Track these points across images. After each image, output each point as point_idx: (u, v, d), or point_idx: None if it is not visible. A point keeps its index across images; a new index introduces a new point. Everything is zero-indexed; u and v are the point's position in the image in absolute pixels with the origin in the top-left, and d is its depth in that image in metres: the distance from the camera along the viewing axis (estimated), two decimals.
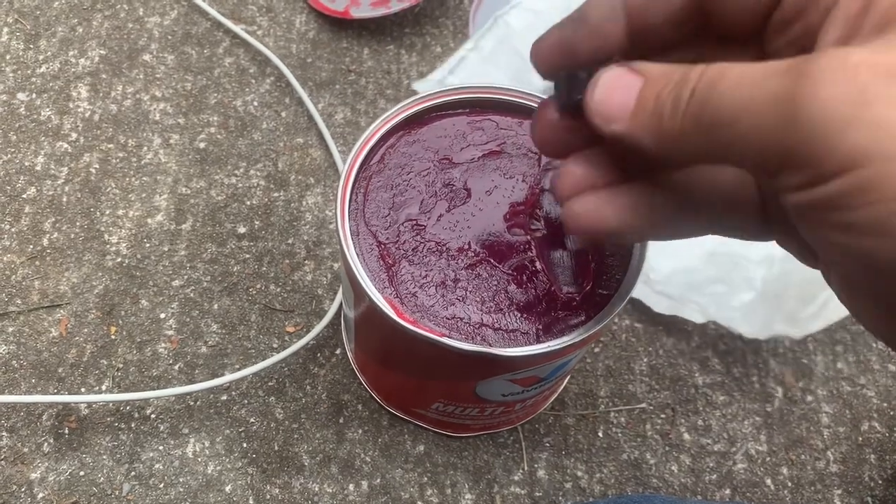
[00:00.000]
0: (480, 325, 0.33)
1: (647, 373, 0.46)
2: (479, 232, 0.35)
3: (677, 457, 0.44)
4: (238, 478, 0.41)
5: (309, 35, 0.56)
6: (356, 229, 0.34)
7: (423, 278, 0.34)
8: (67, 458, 0.41)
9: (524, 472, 0.43)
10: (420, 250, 0.34)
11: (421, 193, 0.35)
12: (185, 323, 0.45)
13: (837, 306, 0.46)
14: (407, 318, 0.32)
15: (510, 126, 0.37)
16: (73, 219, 0.48)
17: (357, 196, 0.35)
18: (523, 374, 0.35)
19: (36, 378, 0.43)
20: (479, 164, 0.36)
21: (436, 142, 0.37)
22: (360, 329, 0.39)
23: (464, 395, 0.38)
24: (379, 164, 0.36)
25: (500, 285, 0.34)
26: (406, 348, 0.35)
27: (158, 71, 0.53)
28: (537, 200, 0.36)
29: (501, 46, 0.52)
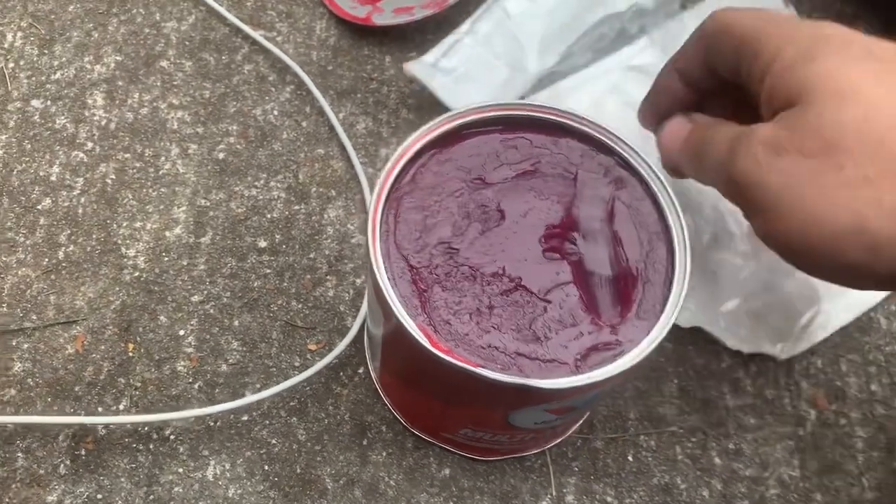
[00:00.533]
0: (516, 354, 0.32)
1: (677, 395, 0.45)
2: (514, 256, 0.34)
3: (708, 482, 0.43)
4: (259, 501, 0.40)
5: (329, 42, 0.54)
6: (387, 252, 0.33)
7: (457, 305, 0.33)
8: (84, 481, 0.40)
9: (552, 497, 0.42)
10: (453, 275, 0.33)
11: (453, 215, 0.34)
12: (204, 340, 0.44)
13: (820, 327, 0.46)
14: (441, 346, 0.31)
15: (544, 144, 0.36)
16: (89, 231, 0.47)
17: (388, 218, 0.34)
18: (559, 405, 0.34)
19: (52, 396, 0.42)
20: (513, 185, 0.35)
21: (468, 161, 0.35)
22: (388, 352, 0.38)
23: (495, 423, 0.37)
24: (410, 185, 0.35)
25: (536, 312, 0.33)
26: (437, 376, 0.34)
27: (176, 78, 0.52)
28: (574, 222, 0.34)
29: (498, 31, 0.50)
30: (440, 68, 0.50)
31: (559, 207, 0.35)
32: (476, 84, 0.50)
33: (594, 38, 0.50)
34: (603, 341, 0.32)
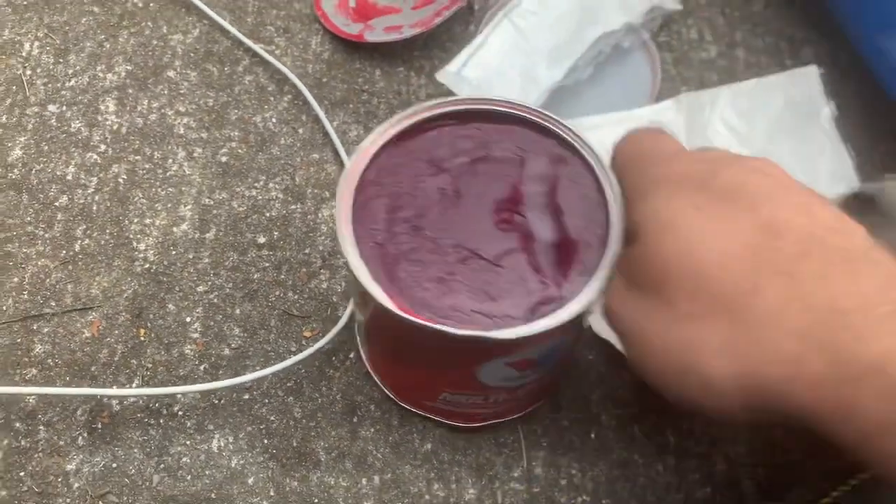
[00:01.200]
0: (473, 312, 0.37)
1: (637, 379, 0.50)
2: (470, 229, 0.39)
3: (663, 458, 0.48)
4: (259, 471, 0.45)
5: (324, 56, 0.59)
6: (357, 235, 0.38)
7: (421, 275, 0.37)
8: (101, 451, 0.45)
9: (523, 469, 0.47)
10: (417, 250, 0.38)
11: (416, 198, 0.39)
12: (209, 326, 0.49)
13: None
14: (407, 309, 0.36)
15: (494, 133, 0.41)
16: (103, 226, 0.51)
17: (356, 203, 0.39)
18: (518, 357, 0.38)
19: (70, 376, 0.46)
20: (468, 169, 0.40)
21: (427, 151, 0.41)
22: (371, 329, 0.42)
23: (467, 383, 0.41)
24: (374, 174, 0.40)
25: (490, 276, 0.38)
26: (409, 340, 0.39)
27: (182, 87, 0.57)
28: (521, 198, 0.39)
29: (508, 44, 0.56)
30: (464, 77, 0.55)
31: (508, 186, 0.40)
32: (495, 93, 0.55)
33: (594, 54, 0.56)
34: (549, 296, 0.37)
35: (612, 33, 0.56)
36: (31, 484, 0.43)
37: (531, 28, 0.56)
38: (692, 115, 0.55)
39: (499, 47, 0.56)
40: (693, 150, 0.35)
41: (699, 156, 0.33)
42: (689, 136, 0.56)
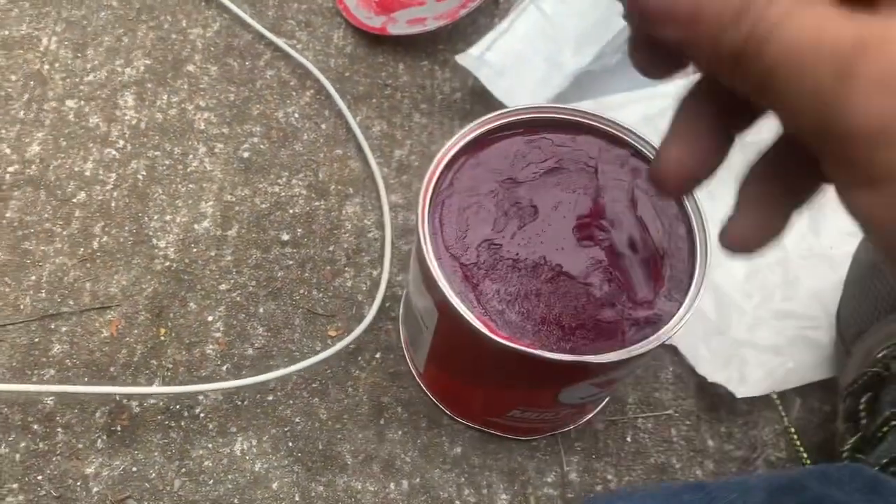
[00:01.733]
0: (567, 335, 0.35)
1: (673, 381, 0.48)
2: (551, 246, 0.37)
3: (701, 462, 0.46)
4: (284, 475, 0.43)
5: (346, 50, 0.58)
6: (438, 253, 0.36)
7: (508, 295, 0.36)
8: (120, 455, 0.43)
9: (557, 474, 0.45)
10: (499, 268, 0.36)
11: (492, 213, 0.37)
12: (231, 325, 0.47)
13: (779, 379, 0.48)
14: (501, 334, 0.34)
15: (564, 142, 0.39)
16: (121, 223, 0.50)
17: (434, 221, 0.37)
18: (606, 378, 0.37)
19: (89, 377, 0.45)
20: (541, 181, 0.38)
21: (498, 162, 0.39)
22: (439, 346, 0.41)
23: (545, 402, 0.40)
24: (449, 189, 0.38)
25: (579, 295, 0.36)
26: (496, 363, 0.37)
27: (202, 81, 0.55)
28: (601, 211, 0.38)
29: (535, 29, 0.55)
30: (485, 61, 0.54)
31: (585, 198, 0.38)
32: (517, 77, 0.54)
33: (622, 41, 0.55)
34: (642, 316, 0.36)
35: None
36: (49, 488, 0.42)
37: (558, 14, 0.55)
38: None
39: (524, 32, 0.55)
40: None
41: None
42: None
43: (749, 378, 0.47)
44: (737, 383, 0.47)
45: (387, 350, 0.47)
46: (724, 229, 0.23)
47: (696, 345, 0.48)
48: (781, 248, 0.51)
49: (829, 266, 0.51)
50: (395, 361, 0.47)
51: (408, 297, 0.43)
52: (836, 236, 0.52)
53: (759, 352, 0.48)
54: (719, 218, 0.49)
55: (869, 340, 0.45)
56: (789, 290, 0.50)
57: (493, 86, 0.54)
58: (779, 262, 0.51)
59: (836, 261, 0.50)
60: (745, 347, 0.48)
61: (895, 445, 0.39)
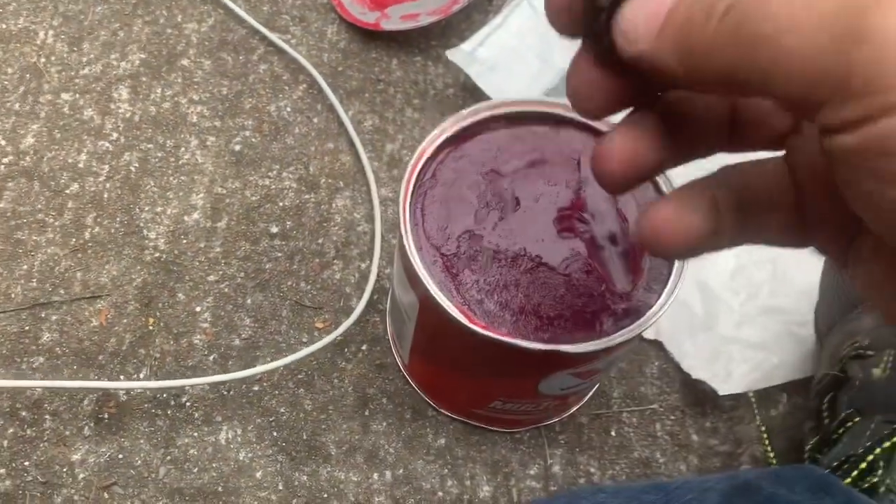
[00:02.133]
0: (545, 325, 0.36)
1: (658, 376, 0.48)
2: (532, 237, 0.37)
3: (686, 457, 0.46)
4: (268, 465, 0.44)
5: (340, 45, 0.58)
6: (419, 244, 0.36)
7: (487, 285, 0.36)
8: (107, 442, 0.44)
9: (540, 466, 0.45)
10: (480, 259, 0.37)
11: (474, 205, 0.38)
12: (219, 316, 0.47)
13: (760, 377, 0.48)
14: (479, 323, 0.35)
15: (547, 135, 0.40)
16: (113, 214, 0.50)
17: (415, 212, 0.37)
18: (585, 368, 0.37)
19: (77, 365, 0.45)
20: (524, 174, 0.38)
21: (481, 155, 0.39)
22: (422, 337, 0.41)
23: (526, 392, 0.40)
24: (432, 181, 0.38)
25: (558, 286, 0.36)
26: (475, 353, 0.37)
27: (196, 75, 0.56)
28: (582, 203, 0.38)
29: (527, 26, 0.55)
30: (477, 57, 0.54)
31: (567, 191, 0.38)
32: (508, 73, 0.54)
33: None
34: (620, 307, 0.36)
35: None
36: (35, 474, 0.42)
37: None
38: None
39: (517, 28, 0.55)
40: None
41: None
42: None
43: (734, 375, 0.47)
44: (721, 380, 0.47)
45: (373, 342, 0.48)
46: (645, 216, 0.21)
47: (682, 341, 0.48)
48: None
49: (819, 262, 0.51)
50: (382, 353, 0.47)
51: (392, 289, 0.44)
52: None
53: (744, 348, 0.48)
54: None
55: (833, 339, 0.45)
56: (777, 286, 0.50)
57: (483, 82, 0.54)
58: (769, 259, 0.51)
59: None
60: (731, 344, 0.48)
61: (848, 447, 0.39)
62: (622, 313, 0.36)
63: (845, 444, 0.40)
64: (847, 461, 0.38)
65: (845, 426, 0.41)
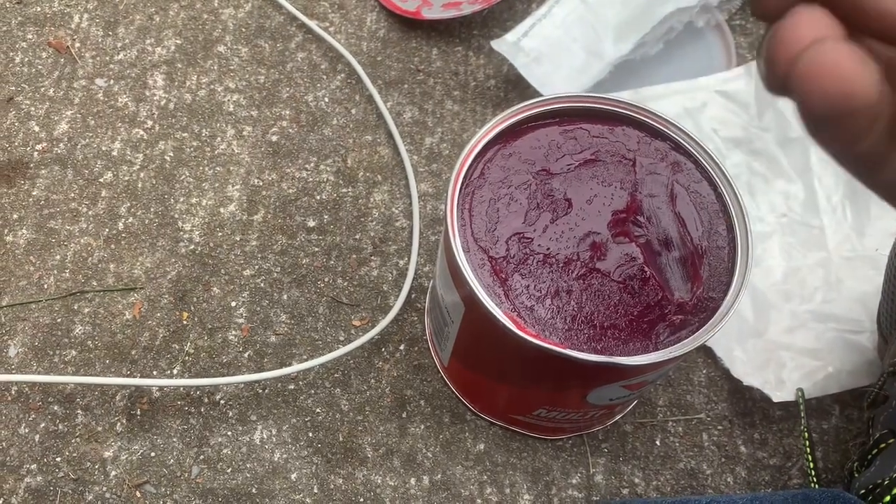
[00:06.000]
0: (598, 334, 0.34)
1: (706, 384, 0.46)
2: (585, 241, 0.36)
3: (733, 469, 0.45)
4: (303, 466, 0.42)
5: (379, 34, 0.56)
6: (466, 246, 0.35)
7: (538, 291, 0.35)
8: (139, 439, 0.43)
9: (582, 475, 0.43)
10: (530, 263, 0.35)
11: (523, 206, 0.36)
12: (255, 312, 0.46)
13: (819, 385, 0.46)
14: (529, 331, 0.33)
15: (601, 133, 0.38)
16: (147, 205, 0.49)
17: (462, 212, 0.36)
18: (638, 380, 0.36)
19: (110, 359, 0.44)
20: (576, 174, 0.37)
21: (531, 153, 0.37)
22: (465, 340, 0.39)
23: (572, 402, 0.39)
24: (480, 180, 0.37)
25: (612, 294, 0.35)
26: (523, 361, 0.36)
27: (232, 63, 0.54)
28: (638, 206, 0.36)
29: (574, 16, 0.53)
30: (521, 47, 0.52)
31: (622, 193, 0.36)
32: (555, 65, 0.52)
33: (664, 30, 0.53)
34: (678, 317, 0.34)
35: (686, 10, 0.53)
36: (67, 470, 0.41)
37: (598, 1, 0.53)
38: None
39: (562, 19, 0.53)
40: None
41: None
42: (758, 104, 0.53)
43: (786, 382, 0.45)
44: (773, 387, 0.45)
45: (411, 342, 0.46)
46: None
47: (732, 346, 0.46)
48: (823, 249, 0.49)
49: (873, 268, 0.49)
50: (420, 354, 0.46)
51: (434, 289, 0.42)
52: (881, 238, 0.50)
53: (797, 355, 0.46)
54: (758, 216, 0.46)
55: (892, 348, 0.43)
56: (830, 293, 0.48)
57: (528, 73, 0.53)
58: (820, 263, 0.49)
59: (881, 263, 0.48)
60: (782, 350, 0.46)
61: (880, 472, 0.37)
62: (679, 323, 0.34)
63: (877, 468, 0.38)
64: (877, 488, 0.37)
65: (879, 447, 0.39)
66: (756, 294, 0.48)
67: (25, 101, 0.52)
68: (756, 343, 0.46)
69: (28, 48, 0.54)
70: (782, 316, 0.47)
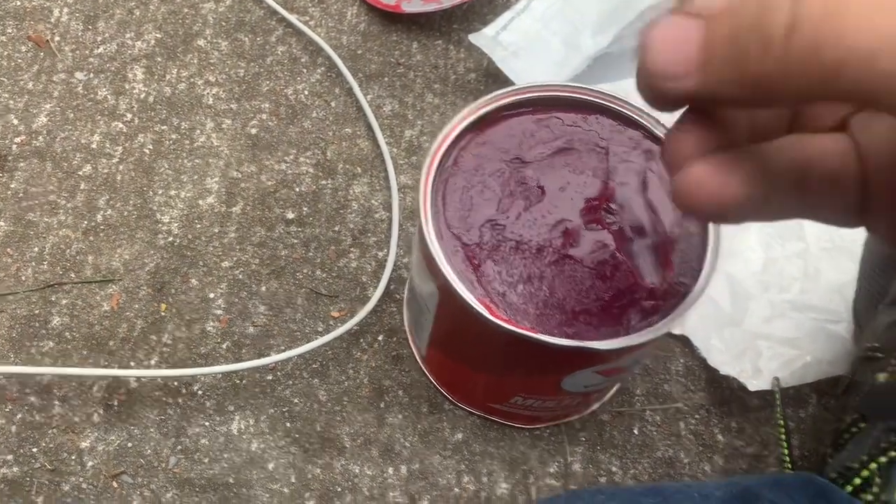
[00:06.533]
0: (570, 319, 0.34)
1: (684, 373, 0.47)
2: (557, 228, 0.36)
3: (710, 457, 0.45)
4: (281, 456, 0.43)
5: (360, 27, 0.57)
6: (439, 233, 0.35)
7: (510, 277, 0.35)
8: (116, 430, 0.43)
9: (560, 464, 0.44)
10: (503, 250, 0.35)
11: (497, 193, 0.36)
12: (233, 303, 0.46)
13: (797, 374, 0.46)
14: (501, 317, 0.33)
15: (575, 122, 0.38)
16: (126, 197, 0.49)
17: (436, 199, 0.36)
18: (611, 366, 0.36)
19: (87, 350, 0.44)
20: (550, 162, 0.37)
21: (505, 141, 0.37)
22: (441, 328, 0.39)
23: (548, 389, 0.39)
24: (453, 168, 0.37)
25: (584, 280, 0.35)
26: (497, 347, 0.36)
27: (212, 56, 0.54)
28: (610, 194, 0.36)
29: (552, 10, 0.53)
30: (500, 41, 0.52)
31: (595, 181, 0.37)
32: (533, 59, 0.53)
33: (643, 24, 0.53)
34: (649, 302, 0.34)
35: (664, 3, 0.53)
36: (43, 461, 0.41)
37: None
38: None
39: (542, 13, 0.53)
40: None
41: None
42: None
43: (763, 371, 0.45)
44: (750, 376, 0.45)
45: (390, 333, 0.46)
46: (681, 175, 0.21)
47: (709, 336, 0.47)
48: (802, 240, 0.50)
49: (851, 260, 0.49)
50: (398, 344, 0.46)
51: (411, 278, 0.42)
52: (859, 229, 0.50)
53: (774, 344, 0.46)
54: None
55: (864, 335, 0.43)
56: (809, 283, 0.48)
57: (507, 67, 0.53)
58: (798, 253, 0.49)
59: (859, 254, 0.49)
60: (760, 339, 0.46)
61: (851, 455, 0.38)
62: (651, 308, 0.34)
63: (849, 452, 0.38)
64: (848, 470, 0.37)
65: (850, 431, 0.39)
66: (734, 284, 0.48)
67: (4, 94, 0.52)
68: (733, 332, 0.47)
69: (7, 42, 0.54)
70: (760, 306, 0.48)
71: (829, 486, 0.33)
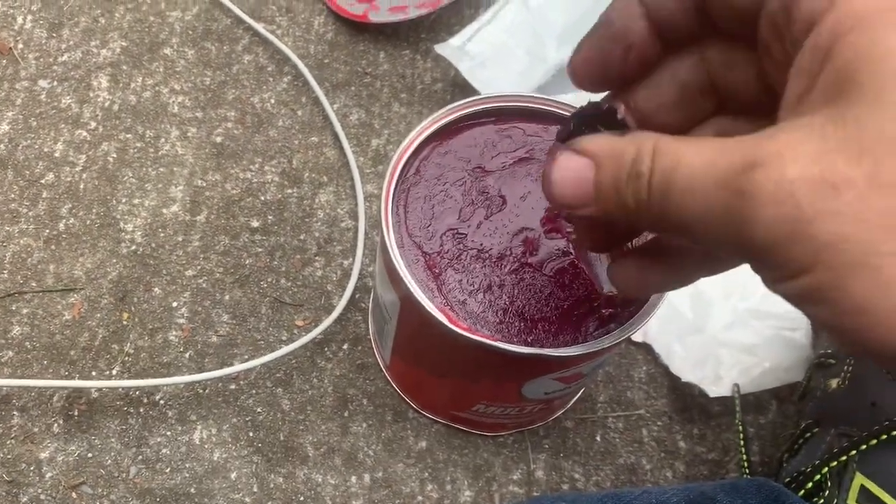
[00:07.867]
0: (529, 327, 0.34)
1: (646, 380, 0.47)
2: (517, 237, 0.36)
3: (672, 463, 0.45)
4: (243, 465, 0.42)
5: (327, 37, 0.57)
6: (401, 241, 0.35)
7: (470, 285, 0.35)
8: (76, 440, 0.42)
9: (523, 471, 0.44)
10: (464, 258, 0.35)
11: (458, 202, 0.37)
12: (196, 312, 0.46)
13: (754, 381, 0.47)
14: (461, 325, 0.33)
15: (536, 132, 0.38)
16: (89, 206, 0.49)
17: (398, 209, 0.36)
18: (570, 372, 0.36)
19: (48, 360, 0.44)
20: (511, 171, 0.37)
21: (467, 151, 0.38)
22: (403, 337, 0.40)
23: (509, 396, 0.39)
24: (415, 177, 0.37)
25: (543, 288, 0.35)
26: (457, 355, 0.36)
27: (178, 65, 0.54)
28: None
29: (518, 21, 0.54)
30: (466, 52, 0.53)
31: None
32: (498, 69, 0.53)
33: None
34: (606, 311, 0.35)
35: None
36: (1, 472, 0.41)
37: (543, 6, 0.54)
38: None
39: (508, 24, 0.54)
40: None
41: None
42: None
43: (724, 378, 0.46)
44: (710, 383, 0.46)
45: (355, 342, 0.46)
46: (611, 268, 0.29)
47: (671, 343, 0.47)
48: None
49: None
50: (363, 353, 0.46)
51: (375, 287, 0.43)
52: None
53: (735, 351, 0.47)
54: None
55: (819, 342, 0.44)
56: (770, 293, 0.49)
57: (473, 77, 0.53)
58: None
59: None
60: (721, 347, 0.47)
61: (805, 460, 0.38)
62: (608, 317, 0.35)
63: (803, 457, 0.39)
64: (801, 475, 0.38)
65: (804, 437, 0.40)
66: (696, 292, 0.49)
67: None
68: (695, 340, 0.47)
69: None
70: (722, 313, 0.48)
71: (781, 491, 0.34)
